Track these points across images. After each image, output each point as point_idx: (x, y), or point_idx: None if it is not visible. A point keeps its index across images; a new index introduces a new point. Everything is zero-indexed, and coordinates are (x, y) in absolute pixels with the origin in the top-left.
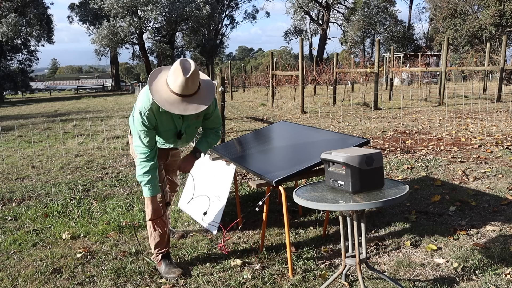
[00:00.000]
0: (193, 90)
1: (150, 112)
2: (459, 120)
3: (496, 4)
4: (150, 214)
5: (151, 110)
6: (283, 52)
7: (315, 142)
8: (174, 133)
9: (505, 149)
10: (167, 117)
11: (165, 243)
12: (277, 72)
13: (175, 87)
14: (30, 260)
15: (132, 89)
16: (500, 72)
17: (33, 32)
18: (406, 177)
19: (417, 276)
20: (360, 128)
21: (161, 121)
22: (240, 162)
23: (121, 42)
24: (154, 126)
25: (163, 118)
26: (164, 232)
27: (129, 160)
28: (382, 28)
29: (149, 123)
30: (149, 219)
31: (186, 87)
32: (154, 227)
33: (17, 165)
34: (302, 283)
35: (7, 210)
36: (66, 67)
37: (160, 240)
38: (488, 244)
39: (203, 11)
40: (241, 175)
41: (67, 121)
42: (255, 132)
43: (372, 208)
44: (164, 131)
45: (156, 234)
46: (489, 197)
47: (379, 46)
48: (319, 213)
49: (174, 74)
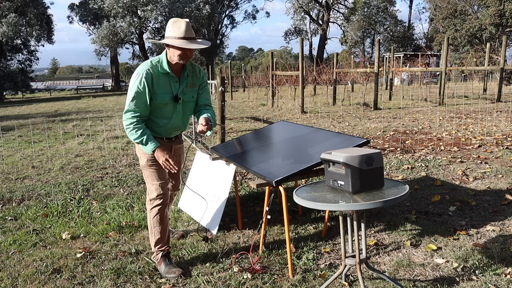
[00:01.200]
0: (193, 34)
1: (149, 72)
2: (459, 120)
3: (496, 4)
4: (154, 192)
5: (149, 71)
6: (283, 52)
7: (315, 142)
8: (170, 97)
9: (505, 149)
10: (164, 80)
11: (165, 241)
12: (277, 72)
13: (180, 33)
14: (30, 260)
15: None
16: (500, 72)
17: (33, 32)
18: (406, 177)
19: (417, 276)
20: (360, 128)
21: (158, 84)
22: (240, 162)
23: (121, 42)
24: (149, 88)
25: (160, 81)
26: (165, 228)
27: (129, 160)
28: (382, 28)
29: (146, 84)
30: (151, 198)
31: (190, 30)
32: (154, 223)
33: (17, 165)
34: (302, 283)
35: (7, 210)
36: (66, 67)
37: (161, 237)
38: (488, 244)
39: (203, 11)
40: (241, 175)
41: (67, 121)
42: (255, 132)
43: (372, 208)
44: (161, 93)
45: (157, 230)
46: (489, 197)
47: (379, 46)
48: (319, 213)
49: (175, 25)
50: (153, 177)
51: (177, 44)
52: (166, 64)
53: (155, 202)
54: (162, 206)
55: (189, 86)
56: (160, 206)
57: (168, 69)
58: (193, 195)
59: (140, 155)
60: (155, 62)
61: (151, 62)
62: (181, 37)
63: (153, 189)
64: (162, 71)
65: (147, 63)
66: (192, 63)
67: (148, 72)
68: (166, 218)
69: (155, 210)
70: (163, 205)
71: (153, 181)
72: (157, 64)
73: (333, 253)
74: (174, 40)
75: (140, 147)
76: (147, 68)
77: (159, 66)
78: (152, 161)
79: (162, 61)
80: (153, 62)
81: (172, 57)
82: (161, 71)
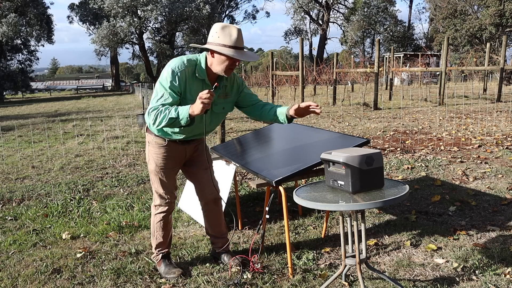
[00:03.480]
0: (243, 44)
1: (183, 73)
2: (459, 120)
3: (496, 4)
4: (158, 199)
5: (185, 72)
6: (283, 52)
7: (315, 142)
8: None
9: (505, 149)
10: (197, 86)
11: (167, 244)
12: (277, 72)
13: (232, 41)
14: (30, 260)
15: (132, 89)
16: (500, 72)
17: (33, 32)
18: (406, 177)
19: (417, 276)
20: (360, 128)
21: (190, 87)
22: (240, 162)
23: (121, 42)
24: (180, 90)
25: (193, 85)
26: (167, 234)
27: (129, 160)
28: (382, 28)
29: (178, 84)
30: (155, 205)
31: (241, 39)
32: (157, 228)
33: (17, 165)
34: (302, 283)
35: (7, 210)
36: (66, 67)
37: (163, 241)
38: (488, 244)
39: (203, 11)
40: (241, 175)
41: (67, 121)
42: (255, 132)
43: (372, 208)
44: (190, 99)
45: (159, 234)
46: (489, 197)
47: (379, 46)
48: (319, 213)
49: (225, 31)
50: (159, 184)
51: (227, 53)
52: (204, 70)
53: (159, 209)
54: (166, 214)
55: (222, 96)
56: (164, 214)
57: (205, 76)
58: (193, 195)
59: (149, 159)
60: (192, 62)
61: (188, 61)
62: (231, 45)
63: (157, 197)
64: (198, 75)
65: (182, 62)
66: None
67: (183, 71)
68: (169, 224)
69: (159, 217)
70: (167, 212)
71: (158, 188)
72: (194, 65)
73: (333, 253)
74: (223, 48)
75: (152, 148)
76: (183, 68)
77: (196, 69)
78: (160, 167)
79: (200, 65)
80: (190, 62)
81: (215, 67)
82: (196, 75)
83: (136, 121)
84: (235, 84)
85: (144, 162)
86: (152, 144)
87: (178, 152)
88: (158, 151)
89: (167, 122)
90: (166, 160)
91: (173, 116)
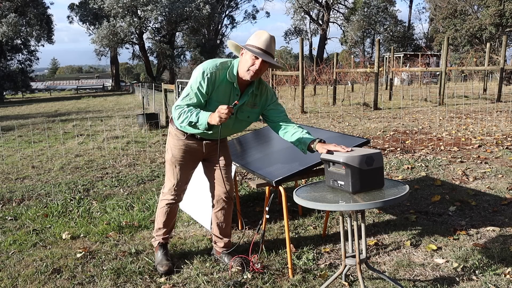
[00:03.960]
0: (273, 51)
1: (213, 75)
2: (459, 120)
3: (496, 4)
4: (167, 188)
5: (215, 74)
6: (283, 52)
7: None
8: None
9: (505, 149)
10: (226, 89)
11: (166, 232)
12: (277, 72)
13: (260, 43)
14: (30, 260)
15: (132, 89)
16: (500, 72)
17: (33, 32)
18: (406, 177)
19: (417, 276)
20: (360, 128)
21: (218, 90)
22: (240, 162)
23: (121, 42)
24: (208, 91)
25: (221, 88)
26: (168, 223)
27: (129, 160)
28: (382, 28)
29: (207, 85)
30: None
31: (270, 44)
32: (160, 214)
33: (17, 165)
34: (302, 283)
35: (7, 210)
36: (66, 67)
37: (162, 227)
38: (488, 244)
39: (203, 11)
40: (241, 175)
41: (67, 121)
42: (255, 132)
43: (372, 208)
44: (216, 101)
45: (160, 220)
46: (489, 197)
47: (379, 46)
48: (319, 213)
49: (257, 35)
50: (171, 174)
51: (251, 50)
52: (236, 72)
53: (165, 197)
54: (170, 203)
55: (250, 105)
56: (168, 202)
57: (235, 79)
58: (193, 195)
59: (168, 148)
60: (225, 65)
61: (221, 64)
62: (257, 46)
63: (168, 185)
64: (229, 79)
65: (215, 64)
66: (262, 81)
67: (213, 74)
68: (172, 214)
69: (163, 203)
70: (172, 201)
71: (170, 178)
72: (226, 68)
73: (333, 253)
74: (248, 46)
75: (171, 139)
76: (214, 70)
77: (227, 71)
78: (176, 158)
79: (233, 67)
80: (223, 65)
81: (241, 68)
82: (227, 78)
83: (136, 121)
84: (265, 96)
85: (144, 162)
86: (172, 135)
87: (196, 147)
88: (176, 143)
89: (187, 124)
90: (183, 153)
91: (193, 120)
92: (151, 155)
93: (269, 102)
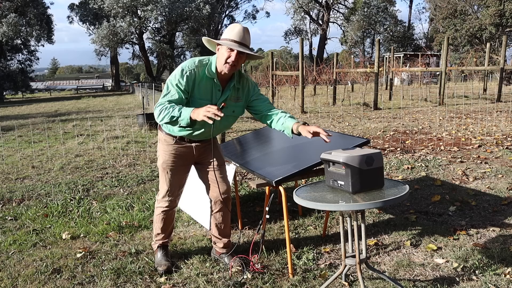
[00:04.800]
0: (248, 42)
1: (192, 72)
2: (459, 120)
3: (496, 4)
4: (161, 194)
5: (194, 71)
6: (283, 52)
7: (315, 142)
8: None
9: (505, 149)
10: (207, 86)
11: (165, 236)
12: (277, 72)
13: (233, 35)
14: (30, 260)
15: (132, 89)
16: (500, 72)
17: (33, 32)
18: (406, 177)
19: (417, 276)
20: (360, 128)
21: (199, 87)
22: (240, 162)
23: (121, 42)
24: (188, 89)
25: (202, 85)
26: (166, 228)
27: (129, 160)
28: (382, 28)
29: (186, 83)
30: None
31: (243, 35)
32: (157, 220)
33: (17, 165)
34: (302, 283)
35: (7, 210)
36: (66, 67)
37: (161, 232)
38: (488, 244)
39: (203, 11)
40: (241, 175)
41: (67, 121)
42: (255, 132)
43: (372, 208)
44: (199, 99)
45: (158, 226)
46: (489, 197)
47: (379, 46)
48: (319, 213)
49: (230, 28)
50: (163, 180)
51: (223, 43)
52: (215, 68)
53: (160, 203)
54: (166, 209)
55: (233, 99)
56: (164, 210)
57: (215, 74)
58: (193, 195)
59: (159, 154)
60: (203, 62)
61: (199, 61)
62: (231, 39)
63: (161, 192)
64: (208, 75)
65: (193, 61)
66: (242, 74)
67: (193, 71)
68: (168, 219)
69: (158, 210)
70: (167, 208)
71: (163, 184)
72: (205, 65)
73: (333, 253)
74: (223, 40)
75: (161, 145)
76: (193, 67)
77: (206, 68)
78: (167, 164)
79: (211, 63)
80: (202, 62)
81: (218, 62)
82: (206, 75)
83: (136, 121)
84: (247, 88)
85: (144, 162)
86: (162, 141)
87: (187, 151)
88: (166, 148)
89: (169, 119)
90: (174, 158)
91: (175, 115)
92: (151, 155)
93: (252, 93)
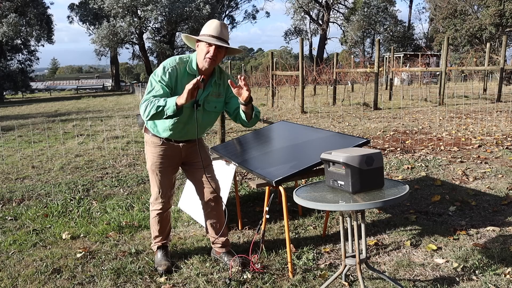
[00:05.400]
0: (225, 37)
1: (174, 69)
2: (459, 120)
3: (496, 4)
4: (153, 196)
5: (176, 68)
6: (283, 52)
7: (315, 142)
8: (191, 102)
9: (505, 149)
10: (189, 82)
11: (163, 237)
12: (277, 72)
13: (211, 30)
14: (30, 260)
15: (132, 89)
16: (500, 72)
17: (33, 32)
18: (406, 177)
19: (417, 276)
20: (360, 128)
21: (181, 84)
22: (240, 162)
23: (121, 42)
24: (171, 85)
25: (184, 82)
26: (163, 229)
27: (129, 160)
28: (382, 28)
29: (168, 79)
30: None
31: (220, 30)
32: (153, 222)
33: (17, 165)
34: (302, 283)
35: (7, 210)
36: (66, 67)
37: (158, 234)
38: (488, 244)
39: (203, 11)
40: (241, 175)
41: (67, 121)
42: (255, 132)
43: (372, 208)
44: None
45: (155, 228)
46: (489, 197)
47: (379, 46)
48: (319, 213)
49: (208, 24)
50: (154, 182)
51: (202, 38)
52: (195, 65)
53: (154, 206)
54: (160, 211)
55: (215, 95)
56: (158, 212)
57: (196, 71)
58: (193, 195)
59: (147, 157)
60: (184, 59)
61: (180, 58)
62: (210, 34)
63: (153, 194)
64: (189, 71)
65: (174, 59)
66: (222, 70)
67: (174, 68)
68: (164, 221)
69: (153, 213)
70: (161, 210)
71: (154, 186)
72: (186, 62)
73: (333, 253)
74: (201, 36)
75: (148, 147)
76: (174, 64)
77: (187, 65)
78: (156, 165)
79: (192, 60)
80: (182, 59)
81: (198, 58)
82: (187, 71)
83: (136, 121)
84: (227, 84)
85: (144, 162)
86: (149, 143)
87: (174, 152)
88: (154, 150)
89: (155, 110)
90: (161, 159)
91: (161, 104)
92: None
93: (230, 90)
